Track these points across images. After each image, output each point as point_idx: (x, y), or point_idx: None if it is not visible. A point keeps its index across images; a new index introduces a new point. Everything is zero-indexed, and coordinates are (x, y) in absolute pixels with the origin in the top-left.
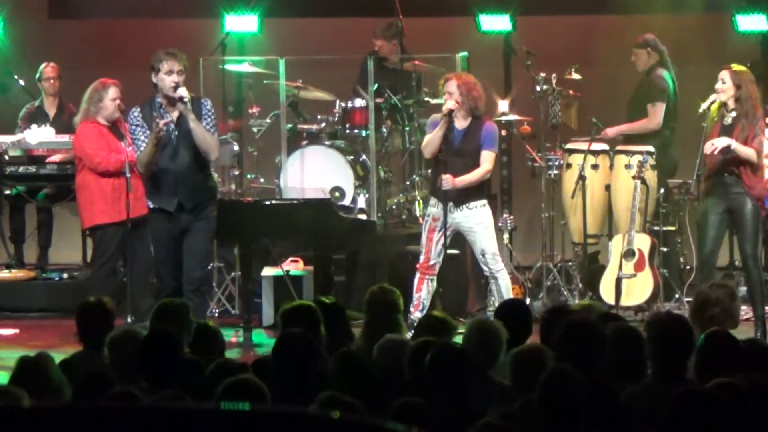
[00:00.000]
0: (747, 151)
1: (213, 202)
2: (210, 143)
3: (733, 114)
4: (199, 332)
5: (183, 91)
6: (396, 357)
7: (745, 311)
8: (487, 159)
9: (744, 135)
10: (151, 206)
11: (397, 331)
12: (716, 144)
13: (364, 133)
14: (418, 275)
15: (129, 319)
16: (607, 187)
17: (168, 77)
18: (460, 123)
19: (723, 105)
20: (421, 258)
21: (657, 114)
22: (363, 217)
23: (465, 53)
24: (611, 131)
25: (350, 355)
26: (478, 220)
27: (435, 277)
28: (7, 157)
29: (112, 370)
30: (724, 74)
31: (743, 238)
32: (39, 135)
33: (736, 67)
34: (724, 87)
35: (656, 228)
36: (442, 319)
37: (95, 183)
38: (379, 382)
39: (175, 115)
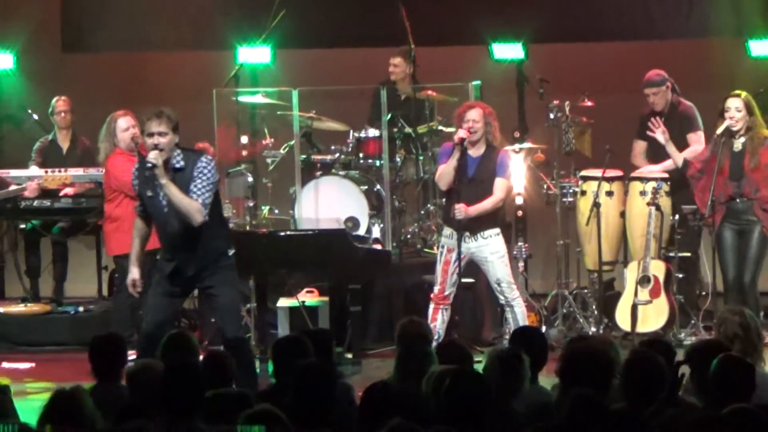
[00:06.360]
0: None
1: (226, 257)
2: (188, 208)
3: (742, 140)
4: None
5: (152, 156)
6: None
7: None
8: (500, 187)
9: (755, 162)
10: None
11: (428, 362)
12: None
13: (377, 162)
14: (432, 305)
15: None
16: (622, 214)
17: (149, 140)
18: (476, 151)
19: (728, 131)
20: (436, 288)
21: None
22: (378, 247)
23: (478, 82)
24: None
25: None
26: (492, 250)
27: (449, 307)
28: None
29: (133, 404)
30: (738, 102)
31: (746, 263)
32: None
33: (743, 94)
34: (740, 115)
35: (671, 254)
36: (459, 346)
37: (132, 215)
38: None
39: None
